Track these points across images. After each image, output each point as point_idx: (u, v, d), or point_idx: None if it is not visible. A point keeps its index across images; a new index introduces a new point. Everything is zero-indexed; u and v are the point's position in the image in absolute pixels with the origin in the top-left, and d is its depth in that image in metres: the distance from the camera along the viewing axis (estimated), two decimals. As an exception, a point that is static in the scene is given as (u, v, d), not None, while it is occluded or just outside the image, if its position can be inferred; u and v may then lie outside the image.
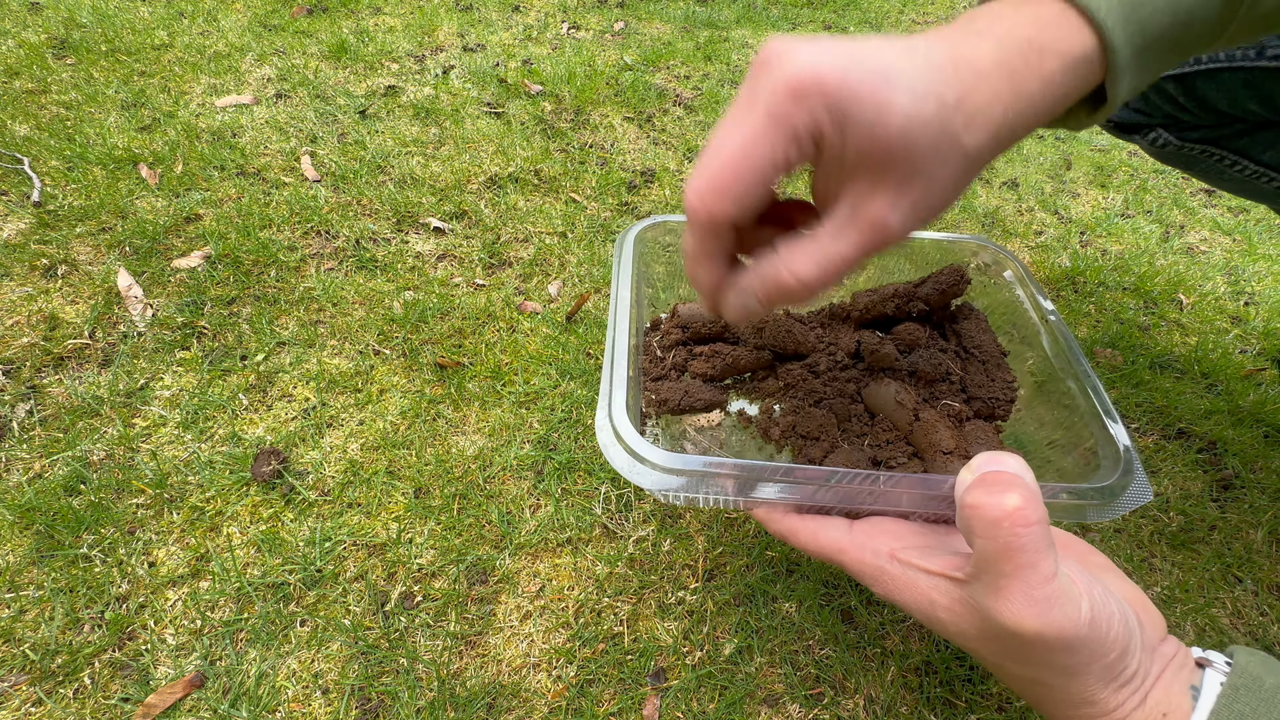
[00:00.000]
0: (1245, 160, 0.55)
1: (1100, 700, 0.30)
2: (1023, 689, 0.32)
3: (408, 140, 1.07)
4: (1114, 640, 0.29)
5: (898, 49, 0.26)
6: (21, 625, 0.51)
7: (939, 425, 0.42)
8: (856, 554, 0.35)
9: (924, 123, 0.26)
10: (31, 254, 0.78)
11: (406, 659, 0.52)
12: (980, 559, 0.29)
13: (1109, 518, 0.38)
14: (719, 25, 1.70)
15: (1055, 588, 0.28)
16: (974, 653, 0.32)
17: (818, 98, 0.25)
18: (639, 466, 0.35)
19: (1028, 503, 0.28)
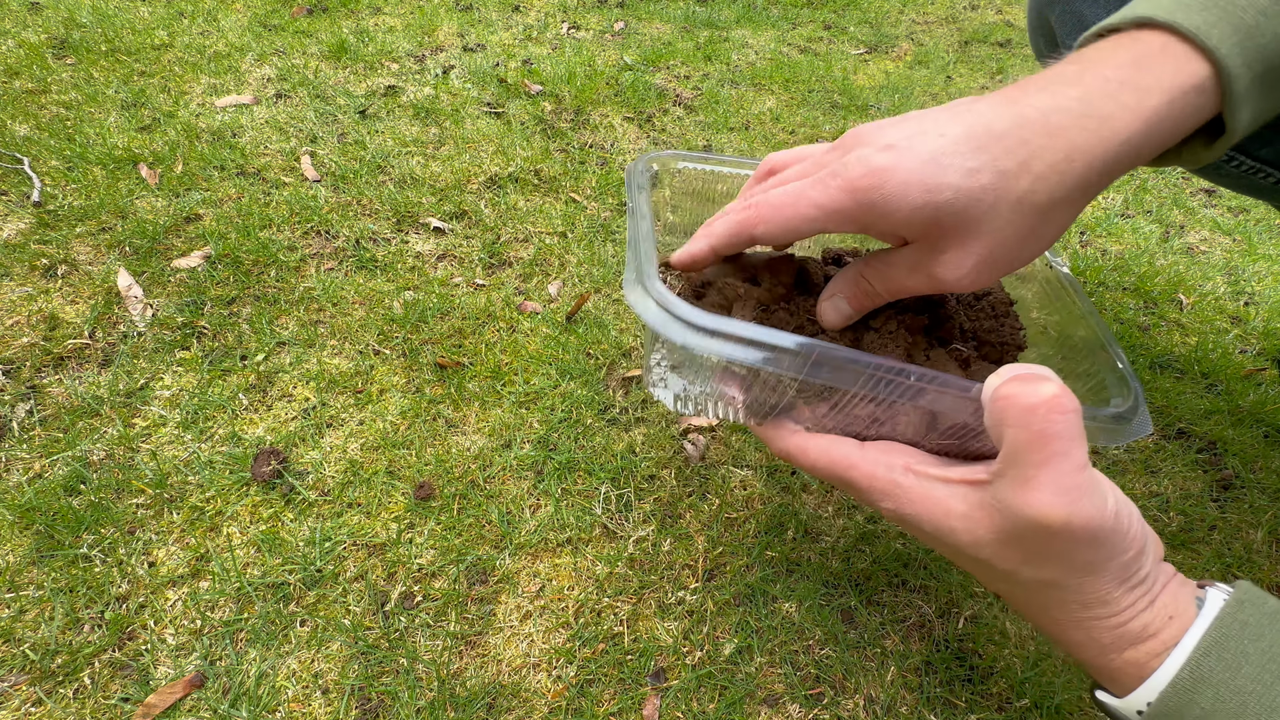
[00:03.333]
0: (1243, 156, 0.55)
1: (1114, 599, 0.30)
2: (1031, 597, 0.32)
3: (408, 140, 1.07)
4: (1133, 538, 0.29)
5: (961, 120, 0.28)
6: (21, 625, 0.51)
7: (950, 364, 0.41)
8: (869, 468, 0.34)
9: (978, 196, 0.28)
10: (31, 254, 0.78)
11: (406, 659, 0.52)
12: (1010, 452, 0.29)
13: (1119, 443, 0.37)
14: (719, 25, 1.70)
15: (1086, 477, 0.28)
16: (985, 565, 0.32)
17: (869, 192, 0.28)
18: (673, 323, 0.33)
19: (1064, 391, 0.28)
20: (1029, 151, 0.28)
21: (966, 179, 0.27)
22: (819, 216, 0.30)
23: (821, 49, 1.66)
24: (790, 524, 0.63)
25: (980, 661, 0.56)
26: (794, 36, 1.71)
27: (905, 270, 0.32)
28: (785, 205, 0.31)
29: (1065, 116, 0.28)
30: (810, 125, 1.30)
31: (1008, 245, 0.30)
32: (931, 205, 0.28)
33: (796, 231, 0.32)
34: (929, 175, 0.28)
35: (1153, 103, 0.27)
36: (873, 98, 1.44)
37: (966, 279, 0.30)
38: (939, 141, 0.28)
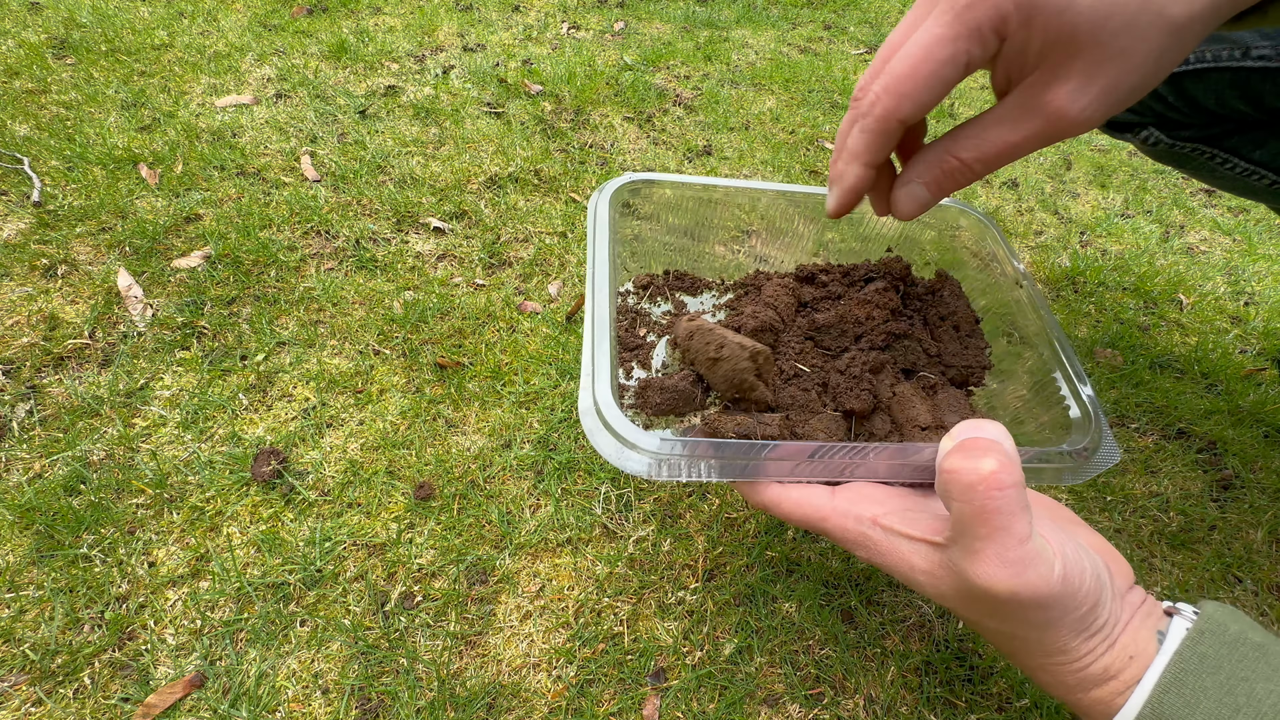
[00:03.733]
0: (1236, 159, 0.55)
1: (1071, 649, 0.31)
2: (999, 642, 0.33)
3: (408, 140, 1.07)
4: (1085, 595, 0.30)
5: None
6: (21, 625, 0.51)
7: (915, 400, 0.42)
8: (839, 520, 0.35)
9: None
10: (31, 254, 0.78)
11: (406, 659, 0.52)
12: (957, 523, 0.30)
13: (1082, 479, 0.38)
14: (719, 25, 1.70)
15: (1029, 549, 0.28)
16: (953, 610, 0.34)
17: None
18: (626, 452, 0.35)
19: (1003, 467, 0.28)
20: None
21: None
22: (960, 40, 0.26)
23: (821, 49, 1.66)
24: (790, 524, 0.63)
25: (980, 661, 0.56)
26: (794, 36, 1.71)
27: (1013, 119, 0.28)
28: (912, 56, 0.27)
29: None
30: (810, 125, 1.30)
31: (1136, 71, 0.26)
32: (1073, 9, 0.24)
33: (940, 75, 0.27)
34: None
35: None
36: (873, 98, 1.44)
37: (1087, 111, 0.27)
38: None
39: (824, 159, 1.21)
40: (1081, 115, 0.27)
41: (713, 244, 0.62)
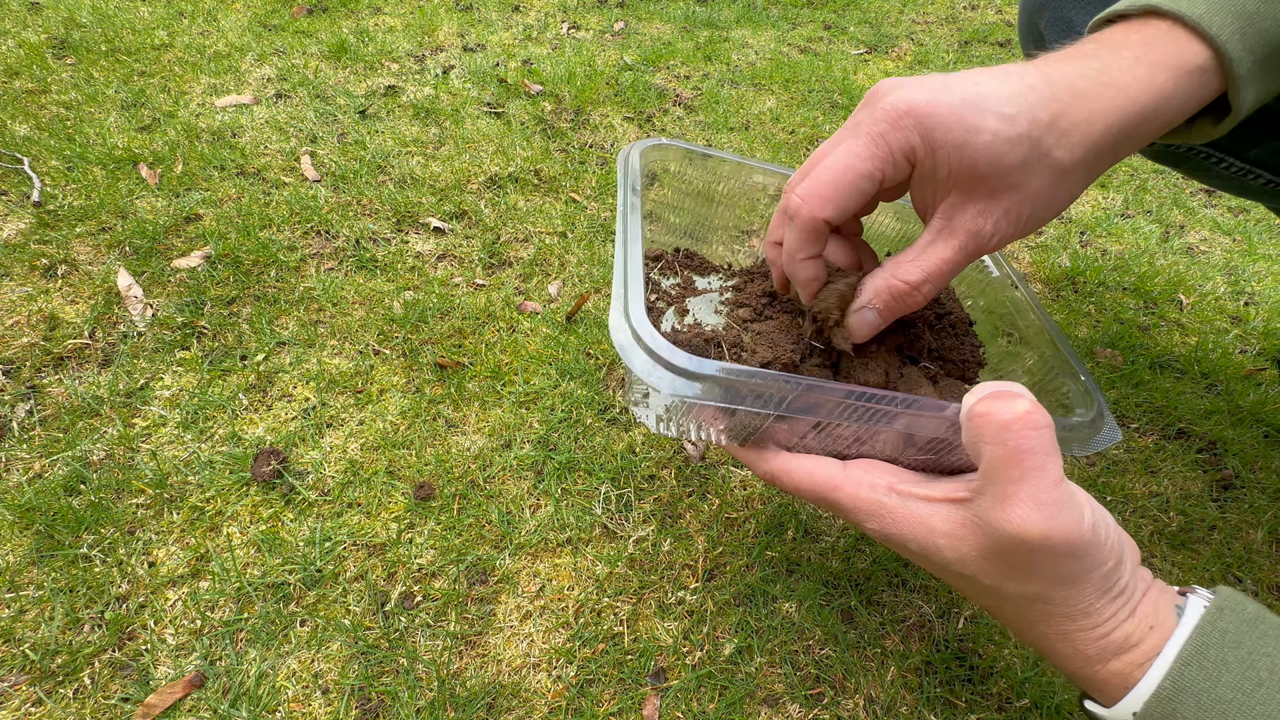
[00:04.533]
0: (1232, 158, 0.55)
1: (1096, 610, 0.30)
2: (1019, 612, 0.32)
3: (408, 140, 1.07)
4: (1110, 548, 0.30)
5: (995, 75, 0.29)
6: (21, 625, 0.51)
7: (922, 380, 0.42)
8: (852, 489, 0.34)
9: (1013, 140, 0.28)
10: (31, 254, 0.78)
11: (406, 659, 0.52)
12: (988, 469, 0.29)
13: (1088, 452, 0.39)
14: (719, 25, 1.70)
15: (1063, 491, 0.28)
16: (971, 580, 0.32)
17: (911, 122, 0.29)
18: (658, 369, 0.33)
19: (1036, 408, 0.28)
20: (1059, 107, 0.29)
21: (1003, 124, 0.28)
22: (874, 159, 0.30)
23: (821, 49, 1.66)
24: (790, 524, 0.63)
25: (980, 661, 0.56)
26: (794, 36, 1.71)
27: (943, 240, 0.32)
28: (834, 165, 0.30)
29: (1088, 82, 0.29)
30: (810, 125, 1.30)
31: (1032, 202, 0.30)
32: (970, 146, 0.28)
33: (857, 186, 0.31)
34: (968, 115, 0.28)
35: (1162, 79, 0.29)
36: (873, 98, 1.44)
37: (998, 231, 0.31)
38: (975, 88, 0.29)
39: (824, 159, 1.21)
40: (995, 234, 0.31)
41: (713, 244, 0.63)
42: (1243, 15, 0.28)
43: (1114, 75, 0.29)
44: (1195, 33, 0.29)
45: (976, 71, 0.30)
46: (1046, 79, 0.29)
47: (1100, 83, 0.29)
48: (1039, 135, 0.29)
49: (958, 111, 0.28)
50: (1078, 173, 0.30)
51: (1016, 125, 0.28)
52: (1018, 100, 0.28)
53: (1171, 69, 0.29)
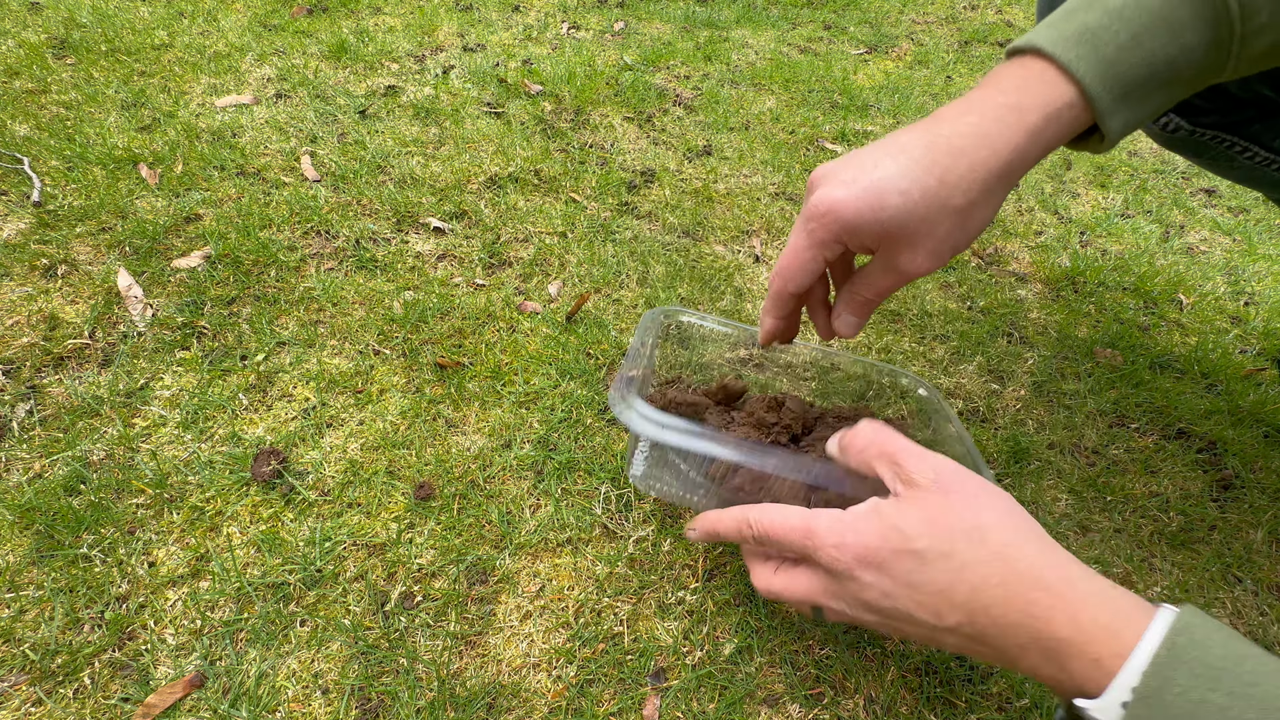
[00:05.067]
0: (1256, 147, 0.55)
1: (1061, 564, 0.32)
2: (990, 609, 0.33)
3: (408, 140, 1.07)
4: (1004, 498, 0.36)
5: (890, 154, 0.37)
6: (21, 625, 0.51)
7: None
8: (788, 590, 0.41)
9: (912, 208, 0.36)
10: (31, 254, 0.78)
11: (406, 659, 0.52)
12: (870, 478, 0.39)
13: None
14: (719, 25, 1.70)
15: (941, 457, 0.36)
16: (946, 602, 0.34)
17: (832, 218, 0.38)
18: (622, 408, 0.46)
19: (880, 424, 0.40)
20: (942, 169, 0.36)
21: (901, 198, 0.36)
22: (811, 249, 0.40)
23: (821, 49, 1.66)
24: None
25: (980, 662, 0.56)
26: (794, 36, 1.71)
27: (882, 273, 0.41)
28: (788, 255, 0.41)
29: (964, 140, 0.36)
30: (810, 125, 1.30)
31: (945, 238, 0.38)
32: (879, 221, 0.37)
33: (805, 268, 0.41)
34: (874, 201, 0.36)
35: (1032, 119, 0.35)
36: (873, 98, 1.44)
37: (923, 267, 0.39)
38: (875, 173, 0.37)
39: (824, 159, 1.21)
40: (922, 268, 0.39)
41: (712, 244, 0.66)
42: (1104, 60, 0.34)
43: (988, 127, 0.36)
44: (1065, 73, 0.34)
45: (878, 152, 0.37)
46: (928, 148, 0.36)
47: (975, 137, 0.36)
48: (932, 195, 0.36)
49: (864, 200, 0.36)
50: (978, 207, 0.38)
51: (910, 196, 0.36)
52: (908, 176, 0.36)
53: (1041, 109, 0.35)
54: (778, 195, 1.08)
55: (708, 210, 1.02)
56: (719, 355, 0.70)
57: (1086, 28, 0.34)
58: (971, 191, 0.36)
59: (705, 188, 1.07)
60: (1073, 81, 0.34)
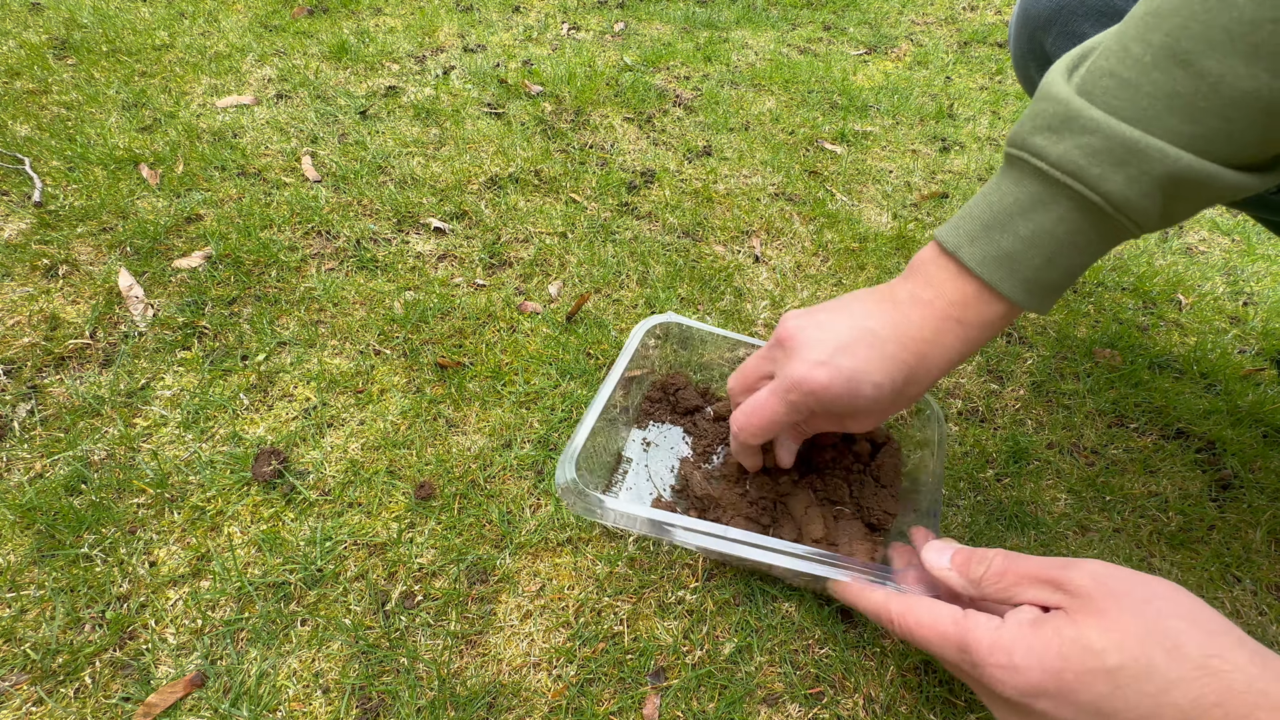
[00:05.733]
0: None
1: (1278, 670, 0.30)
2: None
3: (408, 141, 1.07)
4: None
5: (871, 347, 0.43)
6: (22, 625, 0.51)
7: (817, 518, 0.57)
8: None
9: (881, 397, 0.44)
10: (32, 254, 0.78)
11: (407, 658, 0.52)
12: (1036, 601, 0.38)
13: None
14: (719, 26, 1.70)
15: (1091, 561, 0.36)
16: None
17: (814, 398, 0.44)
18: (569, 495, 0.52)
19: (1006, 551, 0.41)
20: (909, 369, 0.43)
21: (874, 390, 0.43)
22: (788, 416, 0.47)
23: (821, 50, 1.66)
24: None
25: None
26: (794, 37, 1.71)
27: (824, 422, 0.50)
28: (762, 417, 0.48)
29: (928, 346, 0.43)
30: (810, 126, 1.30)
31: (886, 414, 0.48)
32: (853, 404, 0.44)
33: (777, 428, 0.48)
34: (851, 389, 0.43)
35: (974, 333, 0.42)
36: (872, 98, 1.44)
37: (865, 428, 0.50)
38: (852, 363, 0.43)
39: (823, 159, 1.21)
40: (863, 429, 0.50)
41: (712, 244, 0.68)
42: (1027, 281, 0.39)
43: (943, 338, 0.42)
44: (993, 292, 0.41)
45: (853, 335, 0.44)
46: (900, 346, 0.43)
47: (933, 344, 0.43)
48: (898, 390, 0.44)
49: (844, 387, 0.43)
50: (924, 391, 0.46)
51: (882, 390, 0.43)
52: (883, 373, 0.43)
53: (978, 324, 0.42)
54: (777, 195, 1.08)
55: (708, 210, 1.02)
56: (719, 356, 0.70)
57: (1004, 253, 0.39)
58: (924, 385, 0.45)
59: (705, 188, 1.07)
60: (1001, 298, 0.41)
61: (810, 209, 1.05)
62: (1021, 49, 0.67)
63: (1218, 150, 0.33)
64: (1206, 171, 0.33)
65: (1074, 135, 0.35)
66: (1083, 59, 0.38)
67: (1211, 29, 0.32)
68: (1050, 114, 0.37)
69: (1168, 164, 0.33)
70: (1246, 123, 0.32)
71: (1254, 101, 0.32)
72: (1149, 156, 0.34)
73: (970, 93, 1.57)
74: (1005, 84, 1.63)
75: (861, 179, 1.16)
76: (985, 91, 1.59)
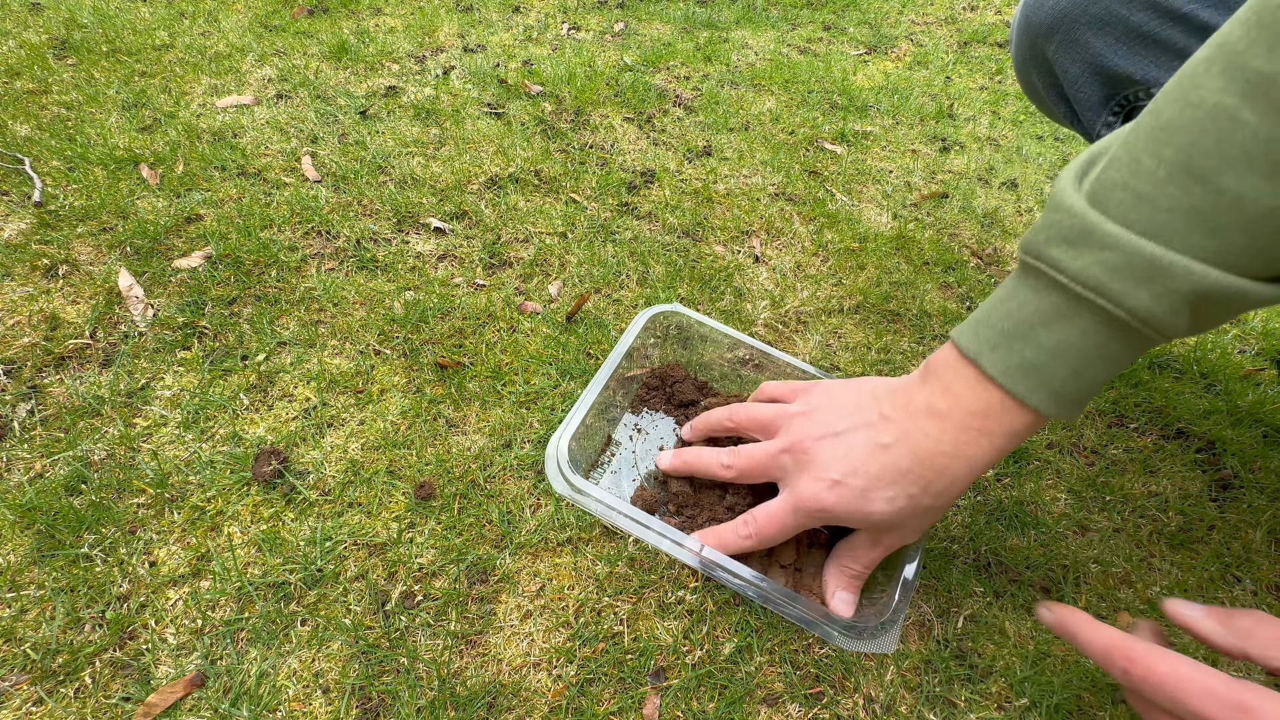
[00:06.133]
0: None
1: None
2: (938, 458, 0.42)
3: (408, 141, 1.07)
4: None
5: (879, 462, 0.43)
6: (22, 625, 0.51)
7: (790, 543, 0.57)
8: None
9: (895, 512, 0.44)
10: (32, 254, 0.78)
11: (407, 658, 0.52)
12: None
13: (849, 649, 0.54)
14: (719, 26, 1.70)
15: None
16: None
17: (824, 514, 0.46)
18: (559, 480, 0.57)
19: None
20: (925, 483, 0.42)
21: (888, 505, 0.44)
22: (793, 527, 0.49)
23: (821, 50, 1.66)
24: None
25: (980, 661, 0.56)
26: (794, 37, 1.71)
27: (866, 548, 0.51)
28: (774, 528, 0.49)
29: (946, 459, 0.42)
30: (810, 126, 1.30)
31: (914, 531, 0.48)
32: (865, 519, 0.45)
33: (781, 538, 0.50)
34: (863, 505, 0.44)
35: (999, 443, 0.41)
36: (872, 98, 1.44)
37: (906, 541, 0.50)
38: (865, 479, 0.43)
39: (823, 159, 1.21)
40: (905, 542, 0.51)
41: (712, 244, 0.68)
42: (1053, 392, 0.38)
43: (965, 449, 0.41)
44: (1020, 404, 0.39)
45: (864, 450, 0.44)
46: (917, 460, 0.42)
47: (954, 456, 0.41)
48: (914, 503, 0.43)
49: (855, 503, 0.44)
50: (944, 510, 0.45)
51: (896, 503, 0.43)
52: (895, 487, 0.43)
53: (1005, 434, 0.40)
54: (778, 196, 1.09)
55: (708, 210, 1.02)
56: (719, 356, 0.70)
57: (1029, 364, 0.38)
58: (945, 498, 0.43)
59: (705, 188, 1.07)
60: (1029, 409, 0.39)
61: (810, 209, 1.05)
62: (1023, 56, 0.66)
63: (1245, 264, 0.32)
64: (1236, 287, 0.32)
65: (1093, 250, 0.34)
66: (1091, 165, 0.37)
67: (1226, 146, 0.31)
68: (1066, 226, 0.35)
69: (1194, 280, 0.32)
70: (1273, 238, 0.31)
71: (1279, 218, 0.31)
72: (1173, 274, 0.33)
73: (970, 93, 1.57)
74: (1005, 84, 1.63)
75: (861, 179, 1.16)
76: (985, 91, 1.59)
